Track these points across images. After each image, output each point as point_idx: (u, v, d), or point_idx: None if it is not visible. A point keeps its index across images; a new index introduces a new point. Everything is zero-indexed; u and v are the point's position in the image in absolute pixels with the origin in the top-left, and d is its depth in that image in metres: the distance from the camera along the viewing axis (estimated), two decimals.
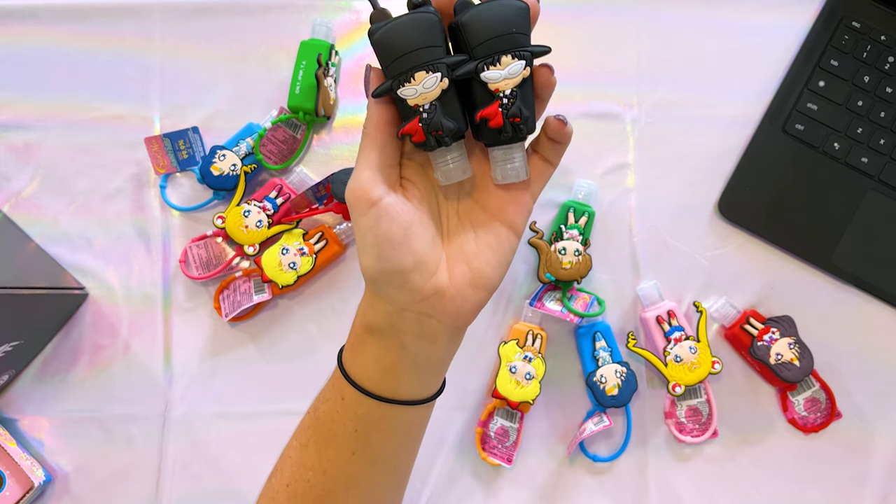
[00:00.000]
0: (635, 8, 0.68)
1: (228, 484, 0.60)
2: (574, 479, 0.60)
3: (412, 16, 0.34)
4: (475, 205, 0.39)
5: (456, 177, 0.37)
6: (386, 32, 0.34)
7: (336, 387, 0.41)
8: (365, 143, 0.36)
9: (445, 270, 0.38)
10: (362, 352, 0.40)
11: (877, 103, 0.65)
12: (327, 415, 0.41)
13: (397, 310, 0.38)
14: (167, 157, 0.63)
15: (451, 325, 0.39)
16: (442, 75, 0.34)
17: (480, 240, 0.39)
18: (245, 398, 0.62)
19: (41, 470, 0.59)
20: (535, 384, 0.58)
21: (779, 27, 0.67)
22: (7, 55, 0.66)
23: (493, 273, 0.38)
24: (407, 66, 0.34)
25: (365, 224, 0.36)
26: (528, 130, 0.36)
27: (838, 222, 0.64)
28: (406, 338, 0.39)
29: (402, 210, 0.36)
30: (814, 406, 0.61)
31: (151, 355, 0.62)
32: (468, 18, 0.34)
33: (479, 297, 0.38)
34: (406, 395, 0.40)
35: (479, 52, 0.34)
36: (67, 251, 0.63)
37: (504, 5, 0.34)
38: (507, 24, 0.34)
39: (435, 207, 0.39)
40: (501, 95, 0.34)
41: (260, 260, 0.60)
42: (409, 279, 0.37)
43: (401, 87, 0.34)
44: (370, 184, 0.35)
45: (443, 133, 0.35)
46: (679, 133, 0.66)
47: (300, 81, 0.63)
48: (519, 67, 0.34)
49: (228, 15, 0.67)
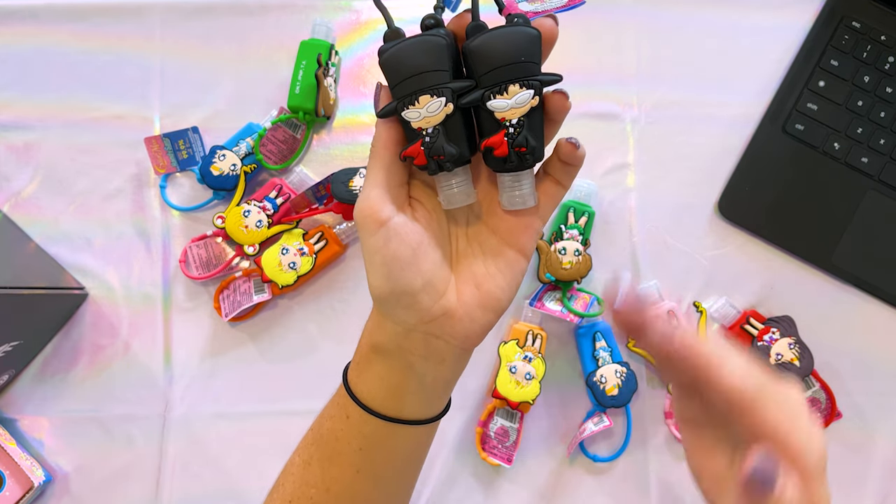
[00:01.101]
0: (635, 8, 0.68)
1: (228, 484, 0.60)
2: (574, 479, 0.60)
3: (421, 38, 0.33)
4: (484, 228, 0.39)
5: (458, 202, 0.36)
6: (394, 54, 0.33)
7: (341, 405, 0.41)
8: (373, 162, 0.36)
9: (454, 291, 0.38)
10: (368, 371, 0.40)
11: (877, 103, 0.65)
12: (331, 433, 0.41)
13: (405, 330, 0.38)
14: (167, 157, 0.63)
15: (459, 346, 0.39)
16: (447, 100, 0.33)
17: (490, 262, 0.38)
18: (245, 398, 0.62)
19: (41, 470, 0.59)
20: (535, 384, 0.58)
21: (779, 27, 0.67)
22: (7, 55, 0.66)
23: (502, 295, 0.38)
24: (412, 89, 0.33)
25: (374, 244, 0.35)
26: (534, 160, 0.35)
27: (838, 222, 0.64)
28: (413, 358, 0.38)
29: (410, 230, 0.36)
30: (814, 406, 0.61)
31: (151, 355, 0.62)
32: (475, 46, 0.33)
33: (488, 318, 0.38)
34: (412, 414, 0.40)
35: (486, 80, 0.33)
36: (67, 251, 0.63)
37: (514, 32, 0.33)
38: (515, 52, 0.33)
39: (444, 228, 0.39)
40: (508, 124, 0.34)
41: (260, 260, 0.60)
42: (417, 300, 0.36)
43: (405, 110, 0.34)
44: (379, 203, 0.35)
45: (444, 158, 0.34)
46: (679, 133, 0.66)
47: (300, 81, 0.63)
48: (527, 97, 0.33)
49: (228, 15, 0.67)
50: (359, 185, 0.61)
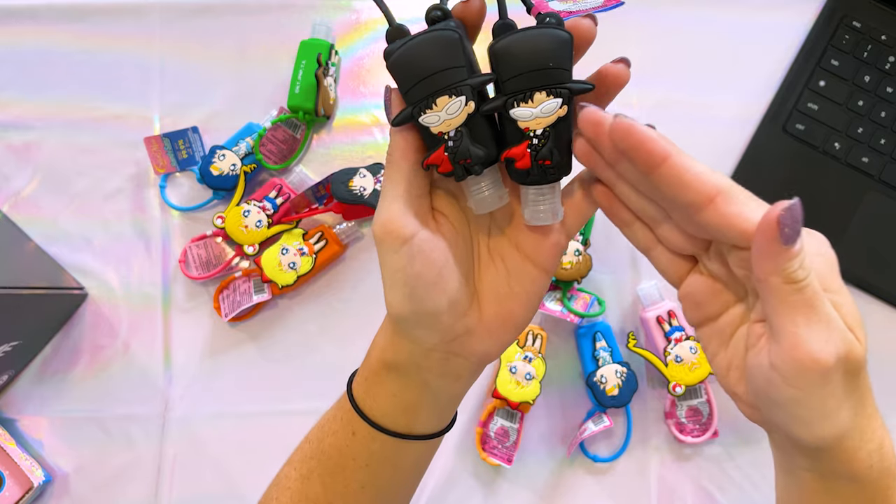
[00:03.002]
0: (635, 8, 0.68)
1: (228, 484, 0.60)
2: (574, 480, 0.60)
3: (430, 35, 0.30)
4: (506, 241, 0.36)
5: (490, 206, 0.33)
6: (402, 55, 0.30)
7: (345, 420, 0.39)
8: (391, 173, 0.32)
9: (476, 309, 0.35)
10: (378, 387, 0.38)
11: (877, 103, 0.65)
12: (335, 448, 0.39)
13: (423, 350, 0.35)
14: (167, 156, 0.63)
15: (478, 362, 0.37)
16: (467, 98, 0.30)
17: (513, 279, 0.35)
18: (245, 398, 0.62)
19: (40, 470, 0.58)
20: (535, 384, 0.58)
21: (779, 27, 0.67)
22: (7, 55, 0.66)
23: (524, 314, 0.36)
24: (427, 92, 0.30)
25: (396, 263, 0.32)
26: (559, 174, 0.32)
27: (838, 222, 0.63)
28: (429, 376, 0.36)
29: (436, 247, 0.33)
30: None
31: (151, 355, 0.62)
32: (500, 49, 0.30)
33: (509, 336, 0.36)
34: (423, 430, 0.39)
35: (511, 86, 0.30)
36: (67, 251, 0.63)
37: (543, 35, 0.30)
38: (543, 57, 0.30)
39: (468, 241, 0.36)
40: (531, 135, 0.31)
41: (260, 260, 0.60)
42: (440, 320, 0.34)
43: (422, 115, 0.30)
44: (401, 218, 0.32)
45: (472, 162, 0.31)
46: (679, 133, 0.64)
47: (300, 81, 0.63)
48: (554, 106, 0.30)
49: (228, 14, 0.67)
50: (359, 185, 0.61)
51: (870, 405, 0.32)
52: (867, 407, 0.31)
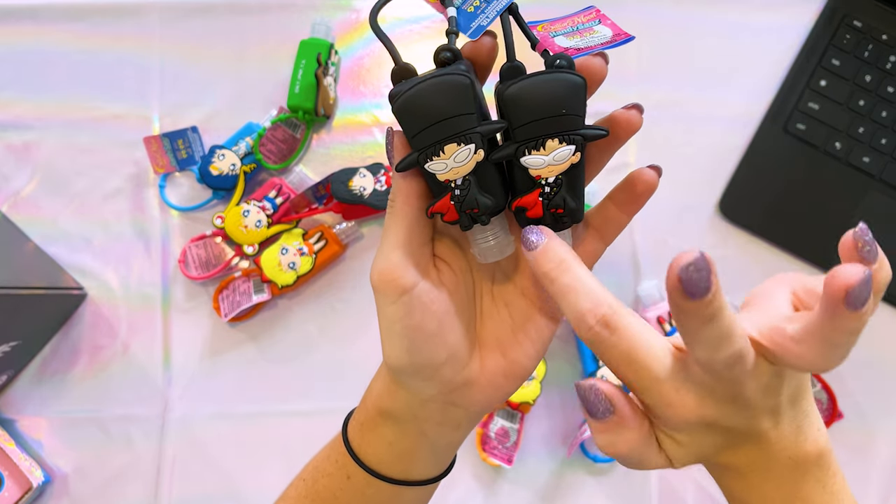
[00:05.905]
0: (635, 8, 0.67)
1: (227, 484, 0.60)
2: (574, 480, 0.60)
3: (439, 79, 0.28)
4: (512, 287, 0.34)
5: (496, 255, 0.32)
6: (409, 99, 0.28)
7: (340, 463, 0.38)
8: (393, 219, 0.31)
9: (478, 360, 0.34)
10: (374, 433, 0.37)
11: (878, 103, 0.65)
12: (328, 490, 0.38)
13: (420, 400, 0.34)
14: (166, 156, 0.63)
15: (478, 412, 0.36)
16: (476, 147, 0.29)
17: (518, 328, 0.34)
18: (244, 398, 0.61)
19: (40, 470, 0.58)
20: (536, 384, 0.58)
21: (780, 26, 0.67)
22: (7, 55, 0.66)
23: (529, 363, 0.34)
24: (435, 138, 0.29)
25: (394, 314, 0.31)
26: (572, 222, 0.31)
27: (839, 222, 0.63)
28: (427, 426, 0.35)
29: (436, 298, 0.32)
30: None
31: (150, 355, 0.62)
32: (511, 95, 0.29)
33: (512, 386, 0.35)
34: (419, 476, 0.38)
35: (522, 133, 0.29)
36: (66, 251, 0.63)
37: (557, 80, 0.29)
38: (556, 104, 0.29)
39: (471, 289, 0.35)
40: (543, 183, 0.30)
41: (259, 260, 0.60)
42: (439, 372, 0.32)
43: (428, 162, 0.29)
44: (400, 268, 0.31)
45: (479, 211, 0.30)
46: (680, 133, 0.65)
47: (300, 81, 0.63)
48: (567, 153, 0.29)
49: (228, 14, 0.67)
50: (358, 185, 0.61)
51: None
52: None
